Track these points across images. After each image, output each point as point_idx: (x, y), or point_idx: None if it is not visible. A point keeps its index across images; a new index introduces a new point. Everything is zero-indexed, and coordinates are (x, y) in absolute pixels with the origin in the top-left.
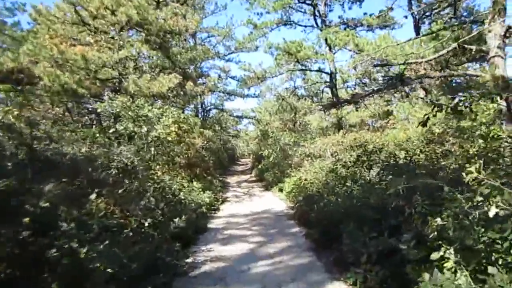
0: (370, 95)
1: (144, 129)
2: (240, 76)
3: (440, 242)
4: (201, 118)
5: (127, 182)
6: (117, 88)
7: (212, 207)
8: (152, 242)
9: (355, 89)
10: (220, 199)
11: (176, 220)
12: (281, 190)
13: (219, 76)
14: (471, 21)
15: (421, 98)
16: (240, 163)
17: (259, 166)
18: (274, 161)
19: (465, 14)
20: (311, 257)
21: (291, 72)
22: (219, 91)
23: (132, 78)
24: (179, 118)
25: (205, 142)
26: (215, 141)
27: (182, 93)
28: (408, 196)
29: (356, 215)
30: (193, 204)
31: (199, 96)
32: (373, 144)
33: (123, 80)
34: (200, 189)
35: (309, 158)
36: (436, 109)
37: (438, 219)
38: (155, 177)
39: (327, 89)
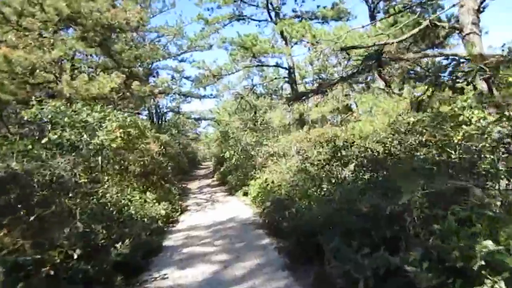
0: (338, 83)
1: (85, 136)
2: (195, 76)
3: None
4: (156, 123)
5: (57, 201)
6: (54, 93)
7: (170, 220)
8: (82, 279)
9: (313, 85)
10: (179, 209)
11: (119, 245)
12: (246, 194)
13: (173, 77)
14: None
15: (382, 89)
16: (202, 166)
17: (221, 169)
18: (237, 163)
19: None
20: (288, 278)
21: (248, 69)
22: (174, 93)
23: (66, 79)
24: (124, 122)
25: (162, 148)
26: (173, 146)
27: (128, 94)
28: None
29: (339, 224)
30: (145, 220)
31: (152, 100)
32: (342, 139)
33: (58, 83)
34: (155, 200)
35: (274, 157)
36: (431, 88)
37: (488, 242)
38: (100, 192)
39: (286, 85)
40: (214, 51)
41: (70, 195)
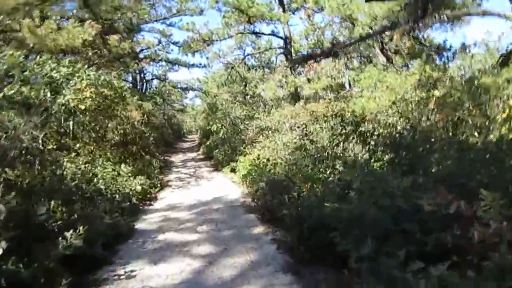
0: (356, 43)
1: (49, 94)
2: (184, 40)
3: None
4: (140, 90)
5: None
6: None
7: (147, 197)
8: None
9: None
10: (159, 185)
11: (69, 234)
12: (233, 170)
13: (159, 41)
14: None
15: (383, 64)
16: (187, 139)
17: (207, 143)
18: (224, 136)
19: None
20: (291, 285)
21: (241, 38)
22: (161, 60)
23: (27, 24)
24: (97, 82)
25: (144, 116)
26: (157, 116)
27: (106, 52)
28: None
29: (366, 220)
30: (117, 196)
31: (135, 64)
32: (351, 114)
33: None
34: (130, 174)
35: (265, 132)
36: None
37: None
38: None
39: (281, 57)
40: (206, 17)
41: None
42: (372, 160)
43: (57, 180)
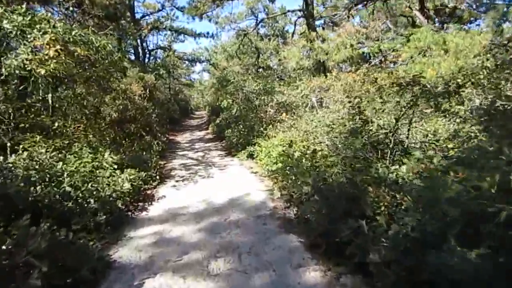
0: None
1: None
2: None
3: None
4: (142, 60)
5: None
6: None
7: (140, 197)
8: None
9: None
10: (157, 177)
11: None
12: (251, 156)
13: (163, 6)
14: None
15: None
16: (195, 116)
17: (217, 121)
18: (237, 114)
19: None
20: None
21: (256, 0)
22: (165, 28)
23: None
24: (68, 36)
25: (146, 90)
26: (162, 91)
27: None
28: None
29: None
30: (93, 201)
31: (134, 30)
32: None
33: None
34: (116, 165)
35: (289, 109)
36: None
37: None
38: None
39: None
40: None
41: None
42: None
43: None
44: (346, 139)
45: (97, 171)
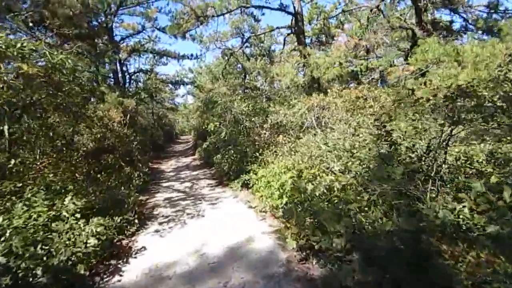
0: None
1: None
2: (171, 18)
3: None
4: (121, 85)
5: None
6: None
7: (112, 251)
8: None
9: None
10: (135, 220)
11: None
12: (246, 185)
13: (143, 27)
14: None
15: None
16: (180, 140)
17: (204, 146)
18: (226, 138)
19: None
20: None
21: (240, 19)
22: (146, 51)
23: None
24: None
25: (126, 116)
26: (144, 116)
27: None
28: None
29: None
30: (40, 273)
31: (112, 51)
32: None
33: None
34: (80, 214)
35: (284, 130)
36: None
37: None
38: None
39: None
40: None
41: None
42: None
43: None
44: (377, 168)
45: (54, 224)
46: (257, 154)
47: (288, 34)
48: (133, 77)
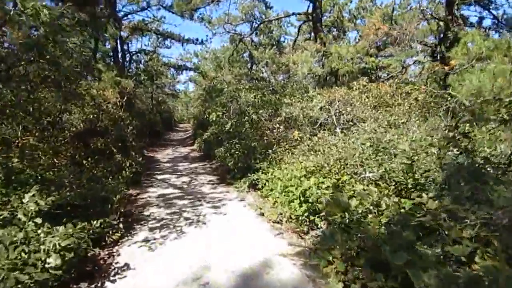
0: None
1: None
2: None
3: None
4: (120, 64)
5: None
6: None
7: (83, 270)
8: None
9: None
10: (120, 225)
11: None
12: (253, 186)
13: (148, 3)
14: None
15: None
16: (178, 129)
17: (205, 136)
18: (231, 129)
19: None
20: None
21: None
22: (149, 31)
23: None
24: None
25: (123, 98)
26: (144, 100)
27: None
28: None
29: None
30: None
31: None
32: None
33: None
34: (43, 216)
35: (300, 126)
36: None
37: None
38: None
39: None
40: None
41: None
42: None
43: None
44: (461, 185)
45: (3, 231)
46: (269, 151)
47: (304, 22)
48: (134, 57)
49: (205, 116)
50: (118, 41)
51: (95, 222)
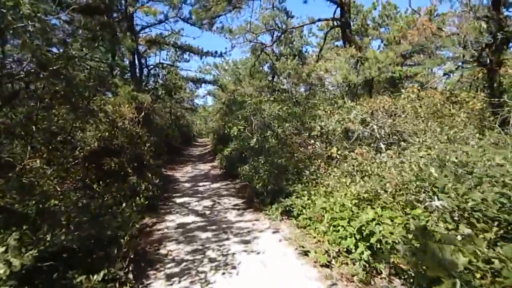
0: None
1: None
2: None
3: None
4: (138, 77)
5: None
6: None
7: None
8: None
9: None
10: (130, 278)
11: None
12: (287, 213)
13: (166, 16)
14: None
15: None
16: (197, 143)
17: (225, 152)
18: (257, 145)
19: None
20: None
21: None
22: (167, 44)
23: None
24: None
25: (140, 113)
26: (162, 115)
27: None
28: None
29: None
30: None
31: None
32: None
33: None
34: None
35: (336, 141)
36: None
37: None
38: None
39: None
40: None
41: None
42: None
43: None
44: None
45: None
46: (306, 171)
47: (332, 28)
48: (151, 71)
49: (225, 131)
50: (136, 55)
51: (95, 276)
